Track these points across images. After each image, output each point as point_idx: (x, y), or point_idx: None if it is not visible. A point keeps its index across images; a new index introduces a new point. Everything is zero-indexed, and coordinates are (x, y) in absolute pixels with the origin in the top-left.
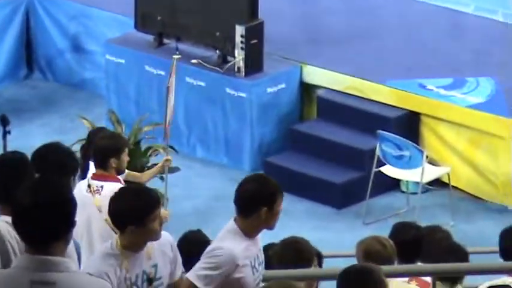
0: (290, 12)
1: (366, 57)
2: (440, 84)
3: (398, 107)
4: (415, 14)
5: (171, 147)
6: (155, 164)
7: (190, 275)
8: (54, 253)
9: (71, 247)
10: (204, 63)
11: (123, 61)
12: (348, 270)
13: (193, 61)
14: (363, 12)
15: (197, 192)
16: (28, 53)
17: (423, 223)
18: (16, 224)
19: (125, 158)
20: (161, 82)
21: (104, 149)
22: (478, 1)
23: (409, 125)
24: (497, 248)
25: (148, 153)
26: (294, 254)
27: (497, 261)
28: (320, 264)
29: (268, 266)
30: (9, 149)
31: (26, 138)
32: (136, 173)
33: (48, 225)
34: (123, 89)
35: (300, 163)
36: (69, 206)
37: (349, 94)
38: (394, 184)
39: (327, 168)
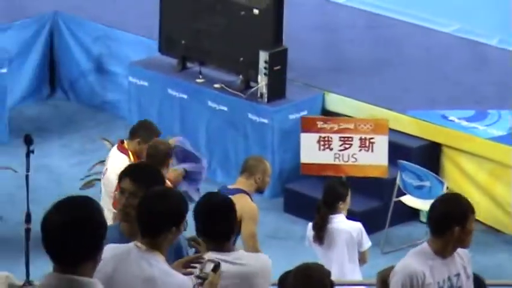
0: (314, 40)
1: (388, 87)
2: (462, 115)
3: (420, 137)
4: (439, 45)
5: None
6: None
7: None
8: (82, 273)
9: None
10: (226, 88)
11: (146, 84)
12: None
13: (216, 85)
14: (386, 42)
15: None
16: (51, 73)
17: None
18: (45, 242)
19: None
20: (183, 105)
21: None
22: (502, 34)
23: (430, 156)
24: None
25: None
26: (305, 281)
27: None
28: None
29: None
30: (31, 168)
31: (47, 158)
32: None
33: (75, 245)
34: (145, 111)
35: (320, 190)
36: (98, 227)
37: None
38: (413, 214)
39: None
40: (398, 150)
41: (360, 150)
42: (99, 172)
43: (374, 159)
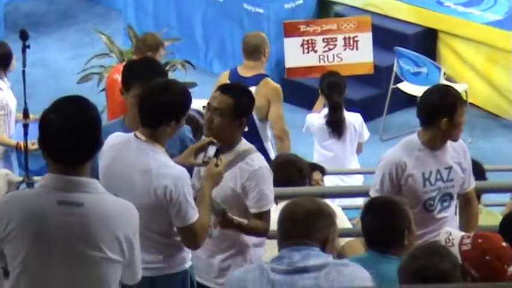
0: None
1: None
2: (458, 1)
3: (416, 24)
4: None
5: (188, 62)
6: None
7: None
8: (82, 174)
9: None
10: None
11: None
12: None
13: None
14: None
15: None
16: None
17: None
18: (45, 144)
19: None
20: None
21: None
22: None
23: (426, 42)
24: None
25: (166, 68)
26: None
27: None
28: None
29: None
30: (27, 62)
31: (43, 53)
32: None
33: (80, 146)
34: (141, 3)
35: (317, 79)
36: (97, 128)
37: (367, 11)
38: (411, 101)
39: None
40: (395, 37)
41: (345, 49)
42: (96, 66)
43: (359, 57)
